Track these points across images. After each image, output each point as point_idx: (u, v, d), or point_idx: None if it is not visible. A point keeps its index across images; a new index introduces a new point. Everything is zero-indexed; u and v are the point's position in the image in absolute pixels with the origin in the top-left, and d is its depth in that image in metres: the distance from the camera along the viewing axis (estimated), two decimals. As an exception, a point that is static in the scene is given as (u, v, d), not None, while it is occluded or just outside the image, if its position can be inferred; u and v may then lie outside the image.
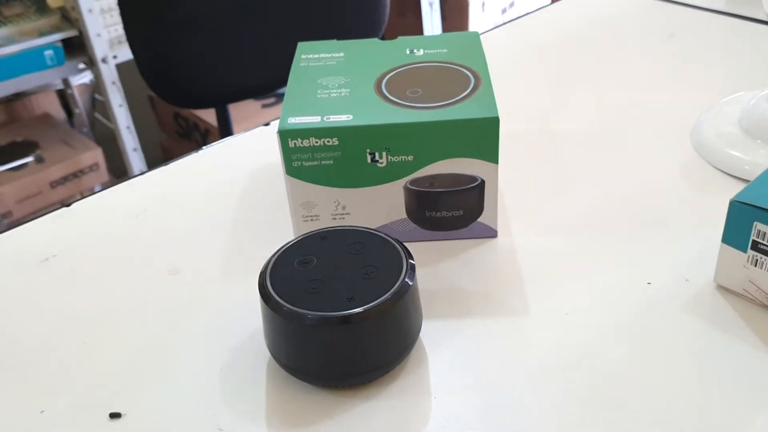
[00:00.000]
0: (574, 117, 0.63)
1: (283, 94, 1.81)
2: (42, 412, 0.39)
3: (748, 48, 0.74)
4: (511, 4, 2.20)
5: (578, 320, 0.43)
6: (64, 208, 0.56)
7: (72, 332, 0.44)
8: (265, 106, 1.81)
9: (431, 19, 2.07)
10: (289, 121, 0.45)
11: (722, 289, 0.44)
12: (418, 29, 2.08)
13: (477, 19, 2.13)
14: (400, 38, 0.55)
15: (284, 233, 0.51)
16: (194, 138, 1.88)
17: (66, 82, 1.88)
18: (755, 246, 0.40)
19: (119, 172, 1.84)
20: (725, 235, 0.42)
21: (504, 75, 0.72)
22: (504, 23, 0.84)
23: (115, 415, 0.38)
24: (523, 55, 0.76)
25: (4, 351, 0.43)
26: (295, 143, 0.45)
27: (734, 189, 0.53)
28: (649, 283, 0.45)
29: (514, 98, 0.67)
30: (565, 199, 0.53)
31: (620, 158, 0.57)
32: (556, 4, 0.88)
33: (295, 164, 0.46)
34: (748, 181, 0.53)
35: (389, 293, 0.37)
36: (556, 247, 0.48)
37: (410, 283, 0.38)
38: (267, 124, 0.66)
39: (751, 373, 0.39)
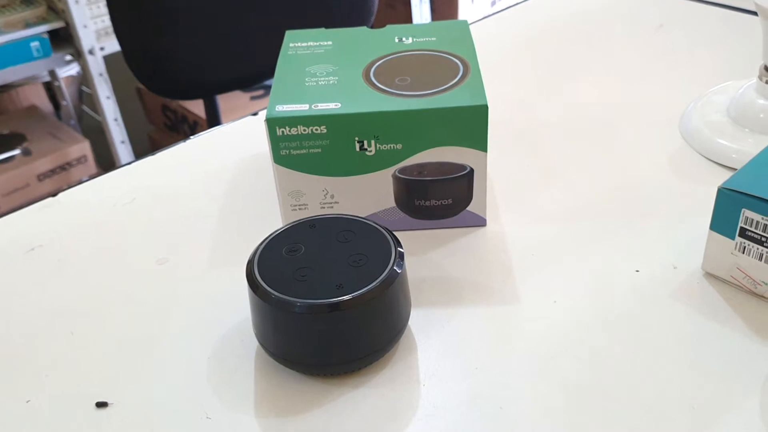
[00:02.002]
0: (564, 106, 0.63)
1: (271, 86, 1.81)
2: (28, 401, 0.39)
3: (736, 38, 0.74)
4: (501, -4, 2.20)
5: (567, 308, 0.43)
6: (51, 198, 0.56)
7: (59, 322, 0.44)
8: (254, 98, 1.80)
9: (420, 11, 2.07)
10: (276, 109, 0.45)
11: (710, 276, 0.44)
12: (407, 20, 2.07)
13: (466, 11, 2.13)
14: (389, 26, 0.54)
15: (273, 222, 0.51)
16: (183, 130, 1.87)
17: (53, 74, 1.87)
18: (743, 233, 0.41)
19: (107, 164, 1.83)
20: (713, 223, 0.42)
21: (493, 65, 0.72)
22: (492, 14, 0.84)
23: (101, 404, 0.38)
24: (512, 46, 0.76)
25: (-10, 341, 0.43)
26: (282, 131, 0.45)
27: (722, 177, 0.53)
28: (637, 271, 0.45)
29: (504, 88, 0.67)
30: (553, 188, 0.53)
31: (609, 147, 0.57)
32: (545, -5, 0.87)
33: (283, 153, 0.46)
34: (736, 169, 0.53)
35: (377, 281, 0.37)
36: (545, 235, 0.48)
37: (398, 271, 0.38)
38: (255, 114, 0.65)
39: (738, 359, 0.39)
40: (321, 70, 0.49)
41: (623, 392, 0.37)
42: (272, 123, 0.44)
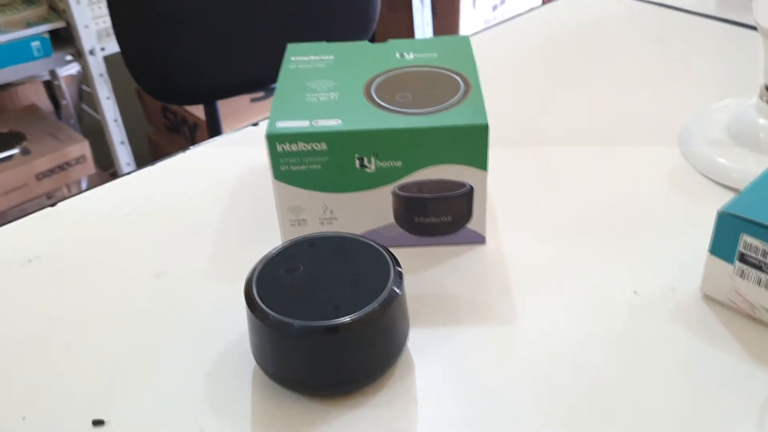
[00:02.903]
0: (563, 121, 0.63)
1: (272, 89, 1.80)
2: (24, 418, 0.39)
3: (737, 53, 0.74)
4: (502, 2, 2.20)
5: (565, 328, 0.43)
6: (49, 208, 0.55)
7: (55, 335, 0.44)
8: (254, 100, 1.80)
9: (422, 15, 2.06)
10: (277, 125, 0.45)
11: (708, 298, 0.44)
12: (408, 24, 2.07)
13: (468, 16, 2.13)
14: (390, 41, 0.54)
15: (271, 237, 0.51)
16: (182, 132, 1.86)
17: (53, 73, 1.87)
18: (742, 258, 0.41)
19: (106, 165, 1.83)
20: (712, 246, 0.42)
21: (492, 77, 0.72)
22: (493, 25, 0.84)
23: (98, 422, 0.38)
24: (511, 58, 0.76)
25: (-14, 355, 0.43)
26: (283, 147, 0.45)
27: (721, 197, 0.53)
28: (635, 292, 0.45)
29: (502, 101, 0.67)
30: (552, 205, 0.53)
31: (608, 164, 0.57)
32: (546, 7, 0.87)
33: (282, 168, 0.46)
34: (736, 189, 0.53)
35: (376, 302, 0.37)
36: (543, 253, 0.48)
37: (398, 292, 0.38)
38: (255, 124, 0.65)
39: (735, 383, 0.39)
40: (322, 86, 0.49)
41: (621, 414, 0.37)
42: (272, 139, 0.44)
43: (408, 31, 2.10)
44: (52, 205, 0.56)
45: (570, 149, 0.59)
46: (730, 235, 0.41)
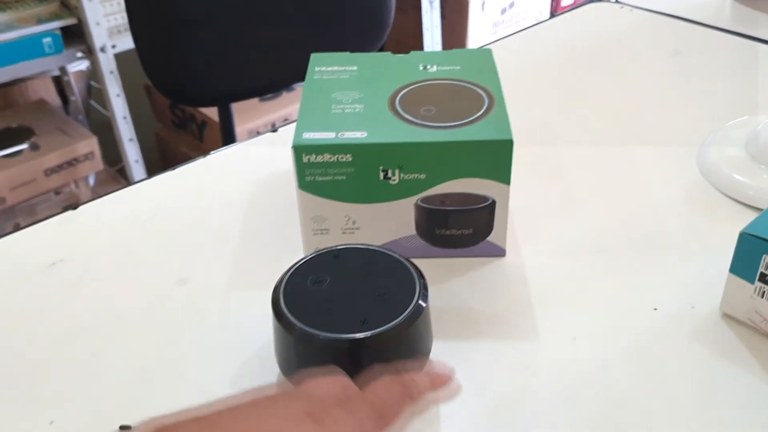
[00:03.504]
0: (580, 135, 0.64)
1: (283, 92, 1.81)
2: (51, 422, 0.39)
3: (752, 68, 0.74)
4: (511, 5, 2.20)
5: (586, 346, 0.43)
6: (71, 211, 0.56)
7: (81, 341, 0.44)
8: (263, 99, 1.80)
9: (431, 17, 2.07)
10: (303, 137, 0.45)
11: (727, 317, 0.44)
12: (417, 26, 2.07)
13: (476, 19, 2.13)
14: (413, 53, 0.55)
15: (293, 246, 0.51)
16: (191, 129, 1.87)
17: (63, 68, 1.87)
18: (763, 278, 0.41)
19: (114, 161, 1.83)
20: (733, 266, 0.43)
21: (509, 89, 0.72)
22: (507, 36, 0.84)
23: (125, 428, 0.39)
24: (528, 70, 0.76)
25: (13, 359, 0.43)
26: (309, 158, 0.45)
27: (739, 214, 0.53)
28: (655, 309, 0.45)
29: (520, 114, 0.67)
30: (572, 219, 0.53)
31: (627, 180, 0.58)
32: (561, 17, 0.88)
33: (308, 179, 0.46)
34: (754, 206, 0.53)
35: (402, 316, 0.37)
36: (563, 269, 0.49)
37: (423, 306, 0.38)
38: (275, 130, 0.66)
39: (754, 401, 0.39)
40: (347, 97, 0.49)
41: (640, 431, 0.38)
42: (299, 150, 0.45)
43: (416, 33, 2.10)
44: (74, 208, 0.56)
45: (588, 163, 0.60)
46: (751, 256, 0.41)
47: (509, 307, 0.46)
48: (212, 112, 1.70)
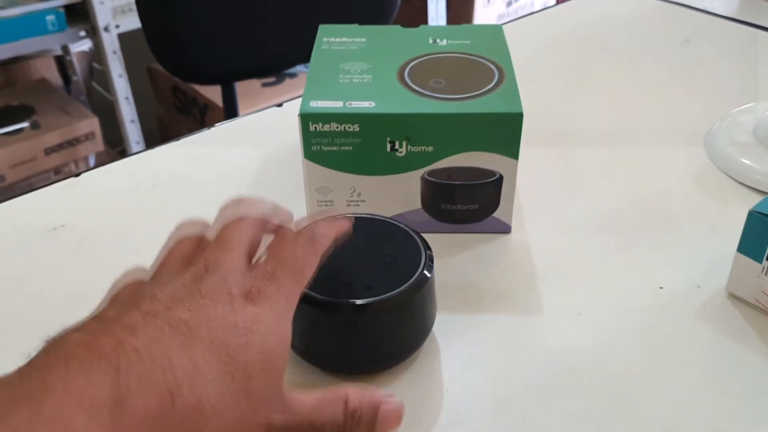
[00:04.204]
0: (588, 119, 0.63)
1: (286, 75, 1.80)
2: (50, 383, 0.39)
3: (762, 57, 0.74)
4: (517, -3, 2.19)
5: (590, 322, 0.43)
6: (73, 178, 0.55)
7: (79, 306, 0.44)
8: (265, 85, 1.79)
9: (436, 8, 2.06)
10: (311, 105, 0.45)
11: (734, 297, 0.44)
12: (422, 15, 2.07)
13: (481, 10, 2.12)
14: (423, 27, 0.54)
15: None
16: (192, 113, 1.86)
17: (65, 48, 1.86)
18: (771, 257, 0.41)
19: (115, 143, 1.82)
20: (741, 245, 0.42)
21: (519, 69, 0.71)
22: (514, 19, 0.84)
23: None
24: (537, 53, 0.75)
25: (11, 322, 0.43)
26: (315, 127, 0.45)
27: (747, 198, 0.53)
28: (661, 288, 0.45)
29: (528, 95, 0.67)
30: (578, 199, 0.53)
31: (635, 160, 0.57)
32: (570, 3, 0.87)
33: (314, 148, 0.45)
34: (762, 190, 0.53)
35: (407, 284, 0.37)
36: (569, 246, 0.48)
37: (428, 276, 0.38)
38: (280, 105, 0.65)
39: (759, 382, 0.39)
40: (355, 68, 0.49)
41: (643, 409, 0.37)
42: (306, 118, 0.44)
43: (421, 23, 2.10)
44: (76, 175, 0.56)
45: (595, 146, 0.59)
46: (760, 234, 0.41)
47: (514, 283, 0.46)
48: (215, 96, 1.69)
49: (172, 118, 1.96)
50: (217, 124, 0.62)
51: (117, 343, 0.25)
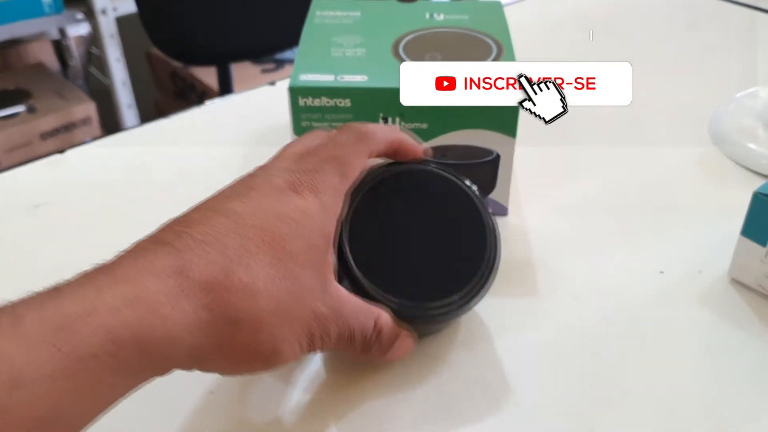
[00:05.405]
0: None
1: (284, 60, 1.78)
2: (25, 362, 0.37)
3: (766, 41, 0.72)
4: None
5: (587, 305, 0.41)
6: (58, 155, 0.54)
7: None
8: (265, 71, 1.78)
9: None
10: (300, 78, 0.43)
11: (736, 283, 0.43)
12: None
13: None
14: (420, 1, 0.53)
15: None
16: (191, 98, 1.84)
17: (62, 32, 1.84)
18: (776, 240, 0.39)
19: (112, 128, 1.81)
20: (745, 228, 0.41)
21: (520, 51, 0.70)
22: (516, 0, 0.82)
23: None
24: (540, 34, 0.74)
25: (-11, 297, 0.41)
26: (305, 102, 0.43)
27: (751, 182, 0.51)
28: (661, 272, 0.43)
29: (528, 76, 0.65)
30: (578, 181, 0.52)
31: (637, 144, 0.56)
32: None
33: (304, 124, 0.44)
34: (765, 175, 0.52)
35: (465, 306, 0.36)
36: (567, 229, 0.47)
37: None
38: (272, 84, 0.64)
39: (762, 369, 0.37)
40: (348, 41, 0.47)
41: (640, 393, 0.36)
42: (295, 92, 0.43)
43: None
44: (61, 152, 0.54)
45: (597, 126, 0.58)
46: (765, 217, 0.39)
47: (510, 265, 0.44)
48: (213, 81, 1.68)
49: (171, 104, 1.94)
50: (207, 102, 0.61)
51: (176, 234, 0.29)
